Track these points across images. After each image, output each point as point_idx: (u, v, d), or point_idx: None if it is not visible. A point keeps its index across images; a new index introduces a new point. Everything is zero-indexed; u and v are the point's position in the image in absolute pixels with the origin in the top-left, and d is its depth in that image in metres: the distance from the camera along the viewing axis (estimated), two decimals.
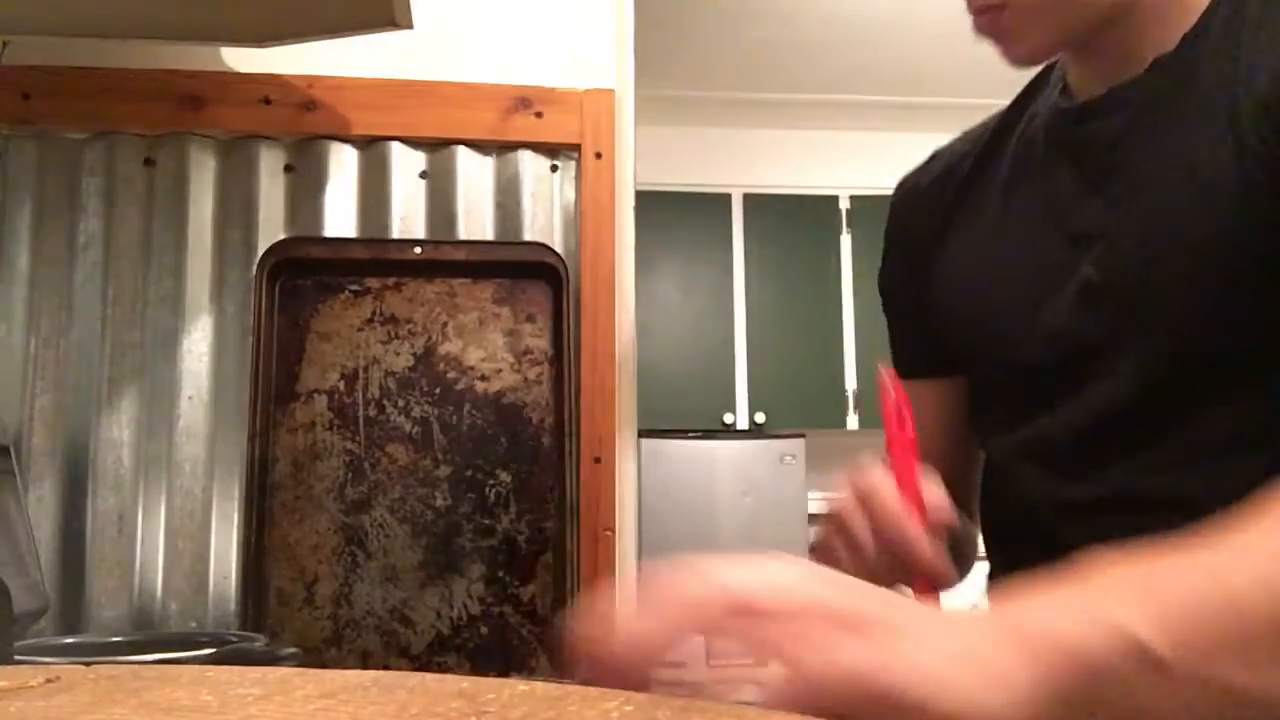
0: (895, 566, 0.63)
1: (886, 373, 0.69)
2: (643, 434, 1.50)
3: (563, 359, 1.37)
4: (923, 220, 0.89)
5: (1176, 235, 0.67)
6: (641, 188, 1.52)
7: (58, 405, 1.36)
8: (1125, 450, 0.69)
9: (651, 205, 1.78)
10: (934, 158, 0.93)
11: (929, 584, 0.63)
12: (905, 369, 0.92)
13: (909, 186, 0.94)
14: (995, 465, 0.84)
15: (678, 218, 4.43)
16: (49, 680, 0.36)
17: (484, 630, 1.31)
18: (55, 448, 1.35)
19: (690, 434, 4.04)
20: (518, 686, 0.35)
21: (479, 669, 1.31)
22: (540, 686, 0.35)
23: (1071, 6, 0.70)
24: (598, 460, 1.39)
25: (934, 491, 0.65)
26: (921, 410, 0.86)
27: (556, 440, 1.36)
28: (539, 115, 1.47)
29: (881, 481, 0.65)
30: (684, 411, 4.25)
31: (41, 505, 1.33)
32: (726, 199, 4.59)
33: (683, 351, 4.36)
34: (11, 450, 1.27)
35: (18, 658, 0.93)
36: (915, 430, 0.67)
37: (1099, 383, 0.71)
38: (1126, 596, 0.42)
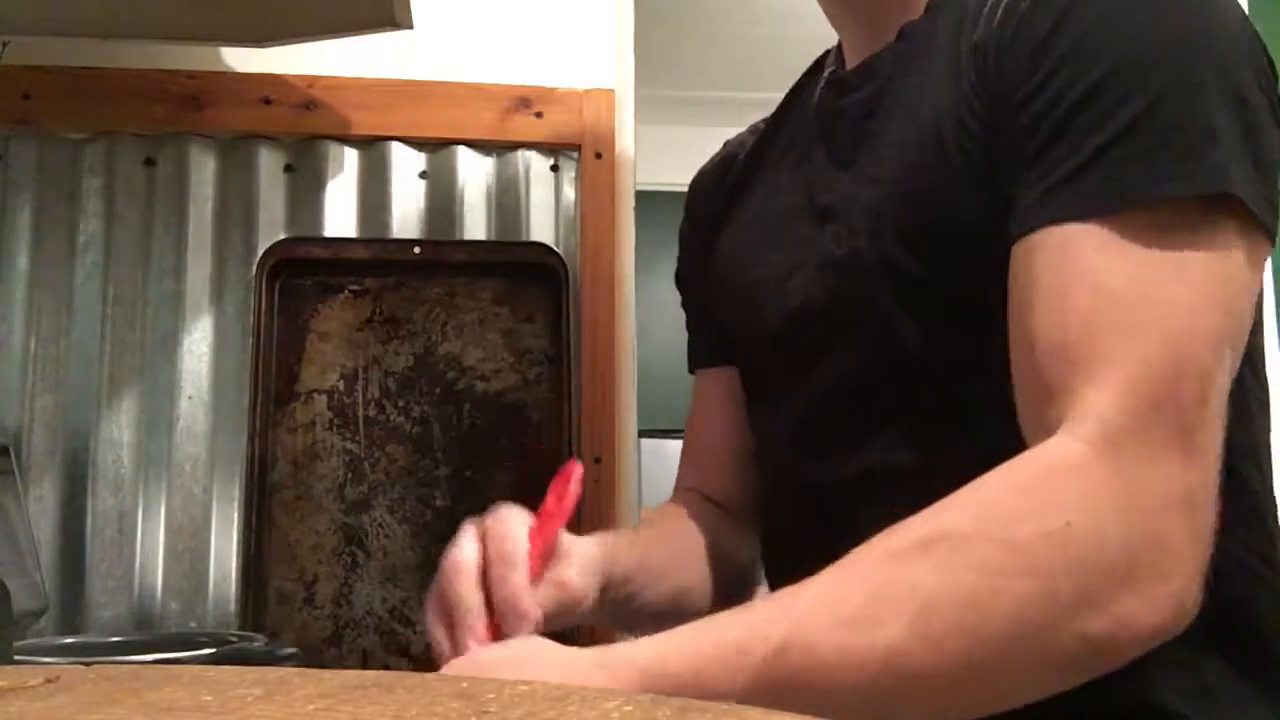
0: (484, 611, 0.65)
1: (576, 467, 0.73)
2: (643, 434, 1.50)
3: (563, 359, 1.36)
4: (706, 208, 0.91)
5: (902, 198, 0.67)
6: (641, 188, 1.52)
7: (58, 405, 1.36)
8: (877, 422, 0.69)
9: (651, 205, 1.77)
10: (724, 146, 0.93)
11: (498, 630, 0.63)
12: (697, 358, 0.95)
13: (698, 177, 0.94)
14: (764, 449, 0.83)
15: (678, 218, 4.42)
16: (49, 680, 0.36)
17: None
18: (55, 448, 1.35)
19: None
20: (518, 686, 0.35)
21: None
22: (540, 686, 0.35)
23: None
24: (598, 460, 1.39)
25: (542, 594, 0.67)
26: (712, 402, 0.92)
27: (556, 440, 1.36)
28: (539, 115, 1.47)
29: (515, 520, 0.68)
30: (684, 411, 4.24)
31: (41, 505, 1.33)
32: None
33: (683, 351, 4.35)
34: (11, 450, 1.27)
35: (18, 658, 0.93)
36: (567, 515, 0.71)
37: (843, 354, 0.71)
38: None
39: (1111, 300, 0.56)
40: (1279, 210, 0.59)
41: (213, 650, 1.01)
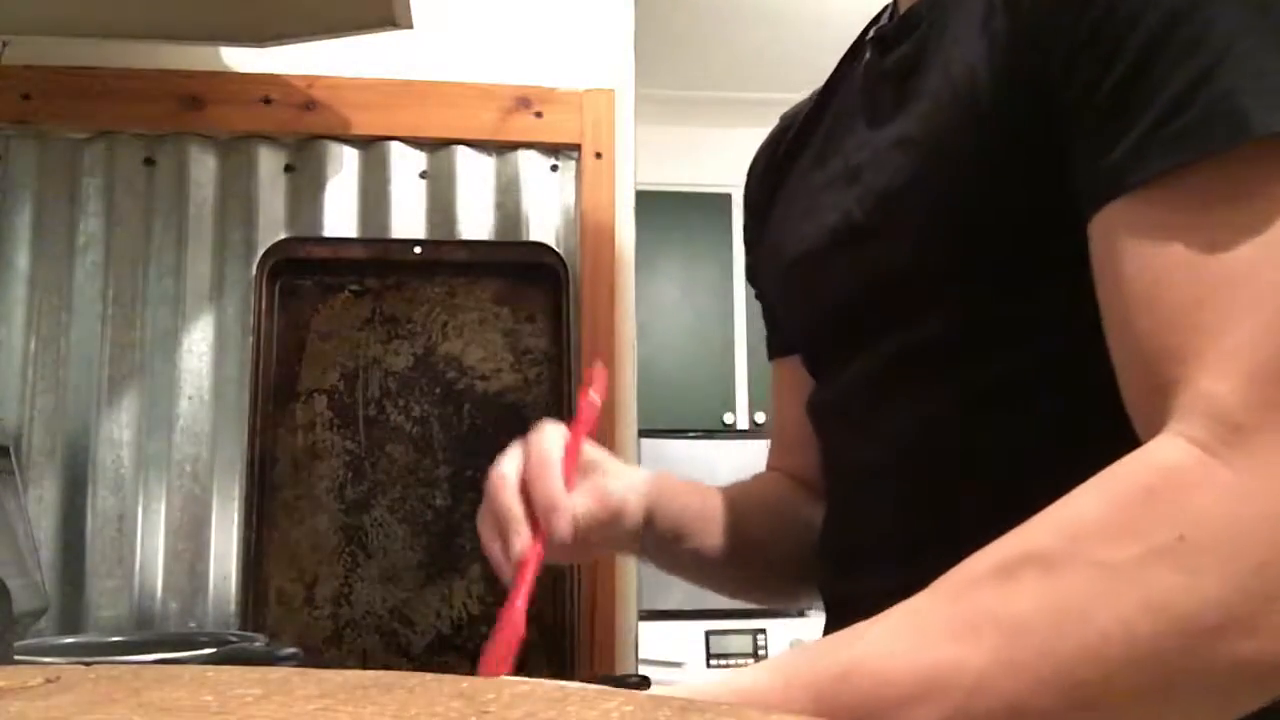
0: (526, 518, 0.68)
1: (601, 371, 0.76)
2: (643, 434, 1.50)
3: (563, 359, 1.36)
4: (759, 185, 0.86)
5: (936, 167, 0.61)
6: (641, 188, 1.52)
7: (58, 405, 1.36)
8: (907, 403, 0.65)
9: (651, 205, 1.78)
10: (780, 119, 0.88)
11: (544, 538, 0.67)
12: (771, 348, 0.91)
13: (752, 161, 0.89)
14: (817, 430, 0.79)
15: (678, 218, 4.42)
16: (49, 680, 0.36)
17: (484, 630, 1.31)
18: (55, 448, 1.35)
19: (690, 434, 4.03)
20: (518, 686, 0.35)
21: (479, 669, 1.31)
22: (540, 686, 0.35)
23: None
24: None
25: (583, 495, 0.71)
26: (785, 390, 0.88)
27: None
28: (539, 115, 1.47)
29: (551, 432, 0.71)
30: (684, 411, 4.25)
31: (41, 505, 1.33)
32: (726, 199, 4.58)
33: (683, 351, 4.35)
34: (11, 450, 1.27)
35: (18, 658, 0.93)
36: (593, 419, 0.73)
37: (879, 336, 0.66)
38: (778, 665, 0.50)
39: (1213, 277, 0.48)
40: None
41: (213, 650, 1.01)
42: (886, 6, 0.77)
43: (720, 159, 4.68)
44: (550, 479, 0.68)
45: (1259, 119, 0.46)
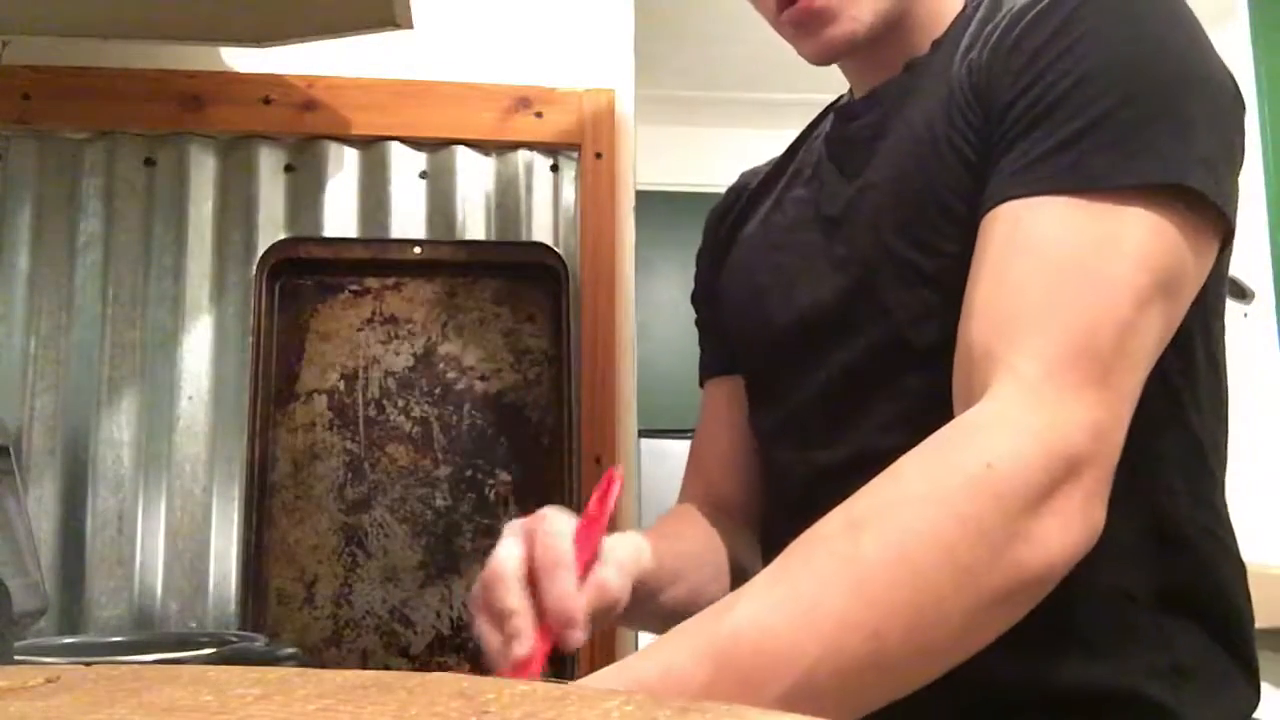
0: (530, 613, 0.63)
1: (615, 472, 0.72)
2: (643, 434, 1.50)
3: (563, 359, 1.36)
4: (718, 231, 0.97)
5: (897, 194, 0.73)
6: (641, 188, 1.52)
7: (58, 405, 1.36)
8: (864, 408, 0.73)
9: (651, 205, 1.77)
10: (739, 176, 1.00)
11: (549, 633, 0.61)
12: (708, 369, 0.99)
13: (714, 205, 1.01)
14: (765, 449, 0.88)
15: (678, 218, 4.41)
16: (49, 680, 0.36)
17: None
18: (55, 448, 1.35)
19: (690, 434, 4.03)
20: (518, 686, 0.35)
21: (479, 669, 1.31)
22: (540, 686, 0.35)
23: None
24: (598, 460, 1.39)
25: (607, 576, 0.66)
26: (719, 409, 0.96)
27: (556, 440, 1.36)
28: (539, 115, 1.47)
29: (561, 524, 0.66)
30: (684, 411, 4.24)
31: (41, 505, 1.33)
32: None
33: (683, 351, 4.35)
34: (11, 450, 1.27)
35: (18, 658, 0.93)
36: (607, 514, 0.68)
37: (843, 347, 0.75)
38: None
39: (1047, 270, 0.60)
40: (1235, 210, 0.65)
41: (213, 650, 1.01)
42: (843, 95, 0.90)
43: (720, 159, 4.66)
44: (565, 585, 0.63)
45: (1101, 176, 0.60)
